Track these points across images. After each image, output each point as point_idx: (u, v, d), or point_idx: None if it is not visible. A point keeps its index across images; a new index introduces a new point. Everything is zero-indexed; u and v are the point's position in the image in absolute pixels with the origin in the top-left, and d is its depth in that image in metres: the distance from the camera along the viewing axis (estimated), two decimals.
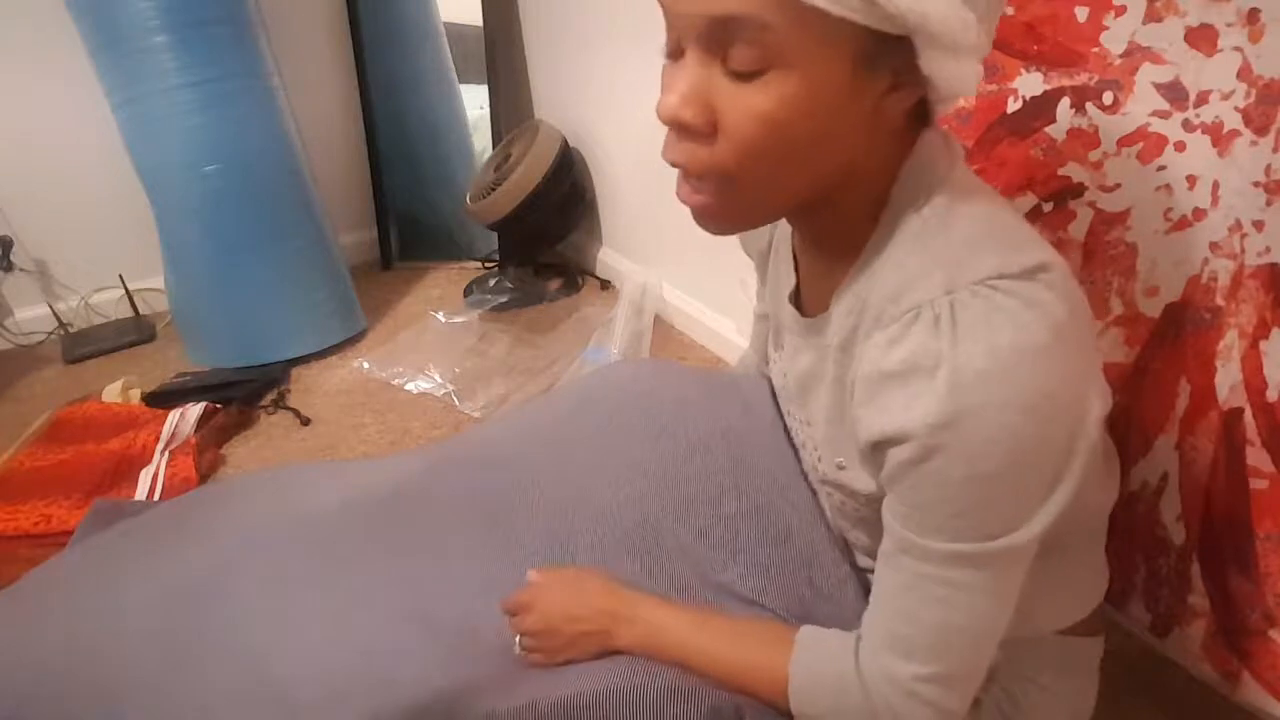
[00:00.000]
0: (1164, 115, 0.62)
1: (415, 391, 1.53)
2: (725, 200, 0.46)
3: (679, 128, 0.44)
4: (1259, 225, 0.58)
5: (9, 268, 1.79)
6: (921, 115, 0.48)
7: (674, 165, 0.46)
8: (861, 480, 0.53)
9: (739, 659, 0.57)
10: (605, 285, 1.95)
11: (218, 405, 1.44)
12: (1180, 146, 0.62)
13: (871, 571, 0.66)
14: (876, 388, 0.45)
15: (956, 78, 0.42)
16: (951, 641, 0.48)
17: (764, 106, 0.41)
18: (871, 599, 0.52)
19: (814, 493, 0.71)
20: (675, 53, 0.45)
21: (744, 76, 0.41)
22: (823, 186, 0.47)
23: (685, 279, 1.66)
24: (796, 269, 0.60)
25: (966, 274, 0.43)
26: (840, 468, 0.55)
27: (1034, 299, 0.42)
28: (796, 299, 0.60)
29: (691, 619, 0.61)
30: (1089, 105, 0.67)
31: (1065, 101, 0.69)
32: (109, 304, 1.90)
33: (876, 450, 0.47)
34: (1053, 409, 0.41)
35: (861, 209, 0.50)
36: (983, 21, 0.41)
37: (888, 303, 0.46)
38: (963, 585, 0.46)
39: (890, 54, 0.41)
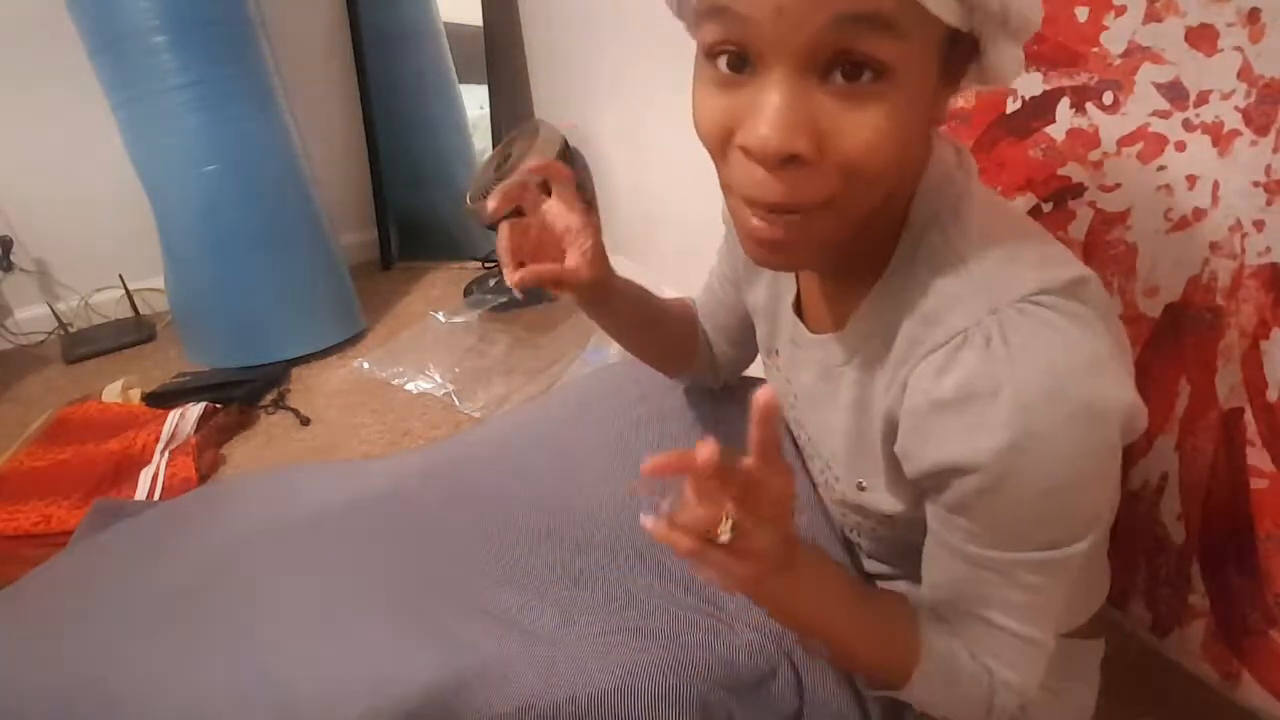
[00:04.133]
0: (1164, 115, 0.62)
1: (415, 391, 1.53)
2: (814, 230, 0.41)
3: (786, 161, 0.38)
4: (1259, 225, 0.58)
5: (9, 268, 1.79)
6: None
7: (773, 204, 0.40)
8: (886, 502, 0.52)
9: (873, 638, 0.53)
10: None
11: (218, 405, 1.44)
12: (1180, 146, 0.62)
13: (877, 576, 0.67)
14: (930, 418, 0.43)
15: (1014, 64, 0.41)
16: (1049, 616, 0.49)
17: (881, 120, 0.37)
18: (952, 600, 0.50)
19: (816, 493, 0.71)
20: (735, 67, 0.38)
21: (855, 91, 0.36)
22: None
23: (685, 280, 1.66)
24: (797, 278, 0.59)
25: (1008, 292, 0.42)
26: (861, 489, 0.54)
27: (1078, 313, 0.41)
28: (797, 309, 0.59)
29: (849, 585, 0.54)
30: (1089, 105, 0.67)
31: (1065, 101, 0.69)
32: (109, 304, 1.90)
33: (931, 478, 0.45)
34: (1111, 414, 0.42)
35: (885, 227, 0.48)
36: None
37: (922, 326, 0.45)
38: (1043, 587, 0.46)
39: (952, 54, 0.40)
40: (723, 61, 0.39)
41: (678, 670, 0.58)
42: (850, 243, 0.49)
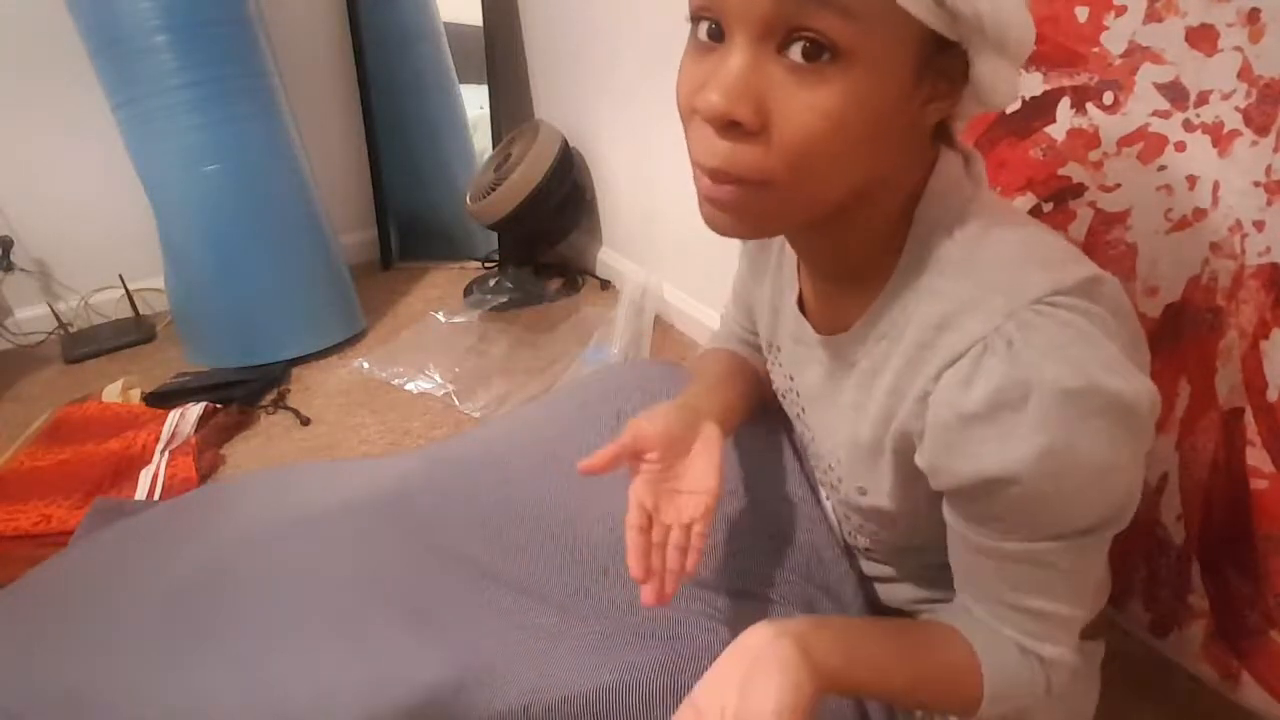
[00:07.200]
0: (1164, 115, 0.62)
1: (415, 391, 1.53)
2: (756, 204, 0.42)
3: (726, 126, 0.39)
4: (1259, 225, 0.58)
5: (9, 268, 1.79)
6: (941, 131, 0.47)
7: (713, 170, 0.41)
8: (888, 507, 0.53)
9: (925, 674, 0.52)
10: (605, 285, 1.95)
11: (218, 405, 1.44)
12: (1180, 146, 0.62)
13: (876, 579, 0.67)
14: (960, 432, 0.43)
15: (1005, 86, 0.41)
16: (1087, 592, 0.50)
17: (828, 103, 0.37)
18: (989, 597, 0.50)
19: (815, 493, 0.72)
20: (712, 35, 0.40)
21: (806, 69, 0.37)
22: (848, 200, 0.44)
23: (685, 279, 1.66)
24: (799, 275, 0.59)
25: (1022, 295, 0.42)
26: (862, 493, 0.54)
27: (1094, 312, 0.41)
28: (803, 307, 0.59)
29: (857, 639, 0.52)
30: (1089, 105, 0.67)
31: (1065, 101, 0.69)
32: (109, 304, 1.90)
33: (965, 491, 0.45)
34: (1140, 405, 0.42)
35: (880, 229, 0.48)
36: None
37: (935, 331, 0.45)
38: (1080, 568, 0.48)
39: (939, 61, 0.40)
40: (703, 29, 0.40)
41: (677, 668, 0.59)
42: (845, 245, 0.49)
